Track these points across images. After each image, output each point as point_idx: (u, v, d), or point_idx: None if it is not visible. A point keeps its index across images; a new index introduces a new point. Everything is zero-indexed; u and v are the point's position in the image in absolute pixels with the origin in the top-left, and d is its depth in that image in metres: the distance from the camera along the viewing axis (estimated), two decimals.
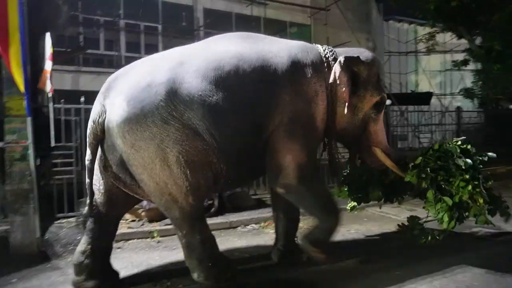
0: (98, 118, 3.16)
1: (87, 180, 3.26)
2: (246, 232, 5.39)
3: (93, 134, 3.17)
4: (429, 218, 4.06)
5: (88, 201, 3.28)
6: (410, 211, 5.60)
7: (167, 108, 3.09)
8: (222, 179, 3.41)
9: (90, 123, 3.21)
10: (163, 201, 3.22)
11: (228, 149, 3.26)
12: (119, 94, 3.15)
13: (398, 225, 4.50)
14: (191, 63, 3.28)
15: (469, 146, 3.98)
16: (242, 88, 3.31)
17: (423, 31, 18.93)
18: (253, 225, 5.69)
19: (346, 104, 3.59)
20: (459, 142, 3.98)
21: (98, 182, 3.39)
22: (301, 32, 14.07)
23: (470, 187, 3.70)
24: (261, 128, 3.38)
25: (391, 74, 22.96)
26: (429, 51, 13.58)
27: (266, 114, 3.36)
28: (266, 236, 4.98)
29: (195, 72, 3.22)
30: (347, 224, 5.69)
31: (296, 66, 3.51)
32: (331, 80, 3.58)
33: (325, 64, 3.68)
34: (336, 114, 3.73)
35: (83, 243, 3.37)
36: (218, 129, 3.20)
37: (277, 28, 13.49)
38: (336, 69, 3.55)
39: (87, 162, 3.25)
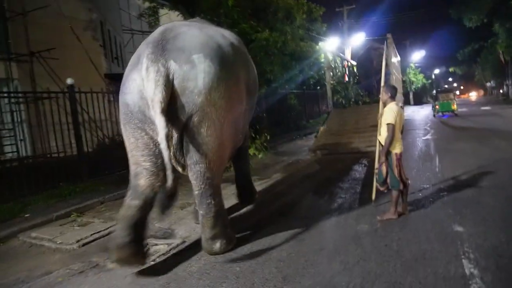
0: (170, 79, 2.91)
1: (168, 152, 2.86)
2: None
3: (167, 98, 2.87)
4: None
5: (170, 176, 2.93)
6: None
7: (240, 69, 3.50)
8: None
9: (158, 88, 2.86)
10: (216, 164, 3.24)
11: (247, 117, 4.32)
12: (193, 51, 3.02)
13: None
14: (225, 36, 3.65)
15: None
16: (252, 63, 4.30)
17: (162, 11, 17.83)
18: None
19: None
20: None
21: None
22: None
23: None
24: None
25: None
26: (152, 27, 12.38)
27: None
28: None
29: (236, 39, 3.94)
30: None
31: None
32: None
33: None
34: None
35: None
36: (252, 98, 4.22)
37: None
38: None
39: (164, 132, 2.80)
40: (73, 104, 6.75)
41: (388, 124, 3.99)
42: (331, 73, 13.77)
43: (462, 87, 73.24)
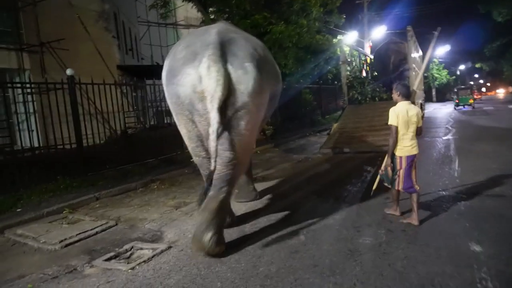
0: (227, 80, 3.28)
1: (214, 144, 3.23)
2: None
3: (224, 96, 3.25)
4: None
5: (213, 164, 3.30)
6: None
7: (272, 79, 4.06)
8: None
9: (219, 87, 3.23)
10: (243, 155, 3.63)
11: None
12: (245, 59, 3.49)
13: None
14: (262, 47, 4.23)
15: None
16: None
17: (178, 2, 17.47)
18: None
19: None
20: None
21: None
22: None
23: None
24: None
25: (152, 46, 21.10)
26: (163, 18, 12.09)
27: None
28: None
29: (267, 50, 4.41)
30: None
31: None
32: None
33: None
34: None
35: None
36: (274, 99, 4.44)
37: None
38: None
39: (217, 125, 3.21)
40: (73, 95, 6.52)
41: (390, 125, 3.58)
42: (348, 68, 13.13)
43: (489, 84, 70.09)
